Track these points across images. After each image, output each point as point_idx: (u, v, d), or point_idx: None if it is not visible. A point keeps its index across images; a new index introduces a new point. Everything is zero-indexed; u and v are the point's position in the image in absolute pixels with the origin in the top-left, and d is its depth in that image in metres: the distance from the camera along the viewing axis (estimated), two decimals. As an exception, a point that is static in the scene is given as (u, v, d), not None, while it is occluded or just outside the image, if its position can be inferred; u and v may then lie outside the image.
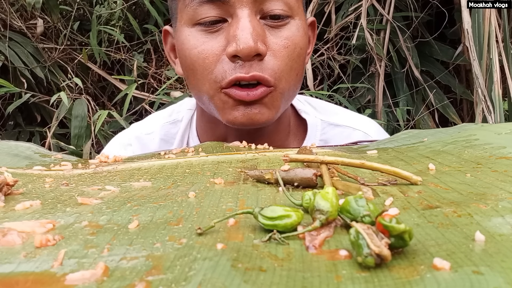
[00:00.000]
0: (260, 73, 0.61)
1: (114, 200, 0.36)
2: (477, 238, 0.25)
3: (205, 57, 0.62)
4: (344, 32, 1.89)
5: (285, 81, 0.64)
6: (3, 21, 1.99)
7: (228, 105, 0.63)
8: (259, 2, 0.61)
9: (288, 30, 0.63)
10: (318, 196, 0.28)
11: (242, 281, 0.21)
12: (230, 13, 0.62)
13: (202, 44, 0.63)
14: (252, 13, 0.61)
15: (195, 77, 0.65)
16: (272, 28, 0.63)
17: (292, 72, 0.64)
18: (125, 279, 0.22)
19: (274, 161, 0.50)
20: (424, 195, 0.34)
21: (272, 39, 0.62)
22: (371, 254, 0.22)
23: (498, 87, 1.36)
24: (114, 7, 2.09)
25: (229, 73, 0.61)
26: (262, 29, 0.62)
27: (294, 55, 0.64)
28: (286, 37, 0.63)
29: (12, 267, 0.24)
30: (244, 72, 0.61)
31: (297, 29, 0.64)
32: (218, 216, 0.31)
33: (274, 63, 0.62)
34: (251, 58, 0.60)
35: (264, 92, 0.62)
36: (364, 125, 0.82)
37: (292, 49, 0.63)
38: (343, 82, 1.90)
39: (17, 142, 0.59)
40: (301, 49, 0.65)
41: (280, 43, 0.63)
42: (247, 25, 0.60)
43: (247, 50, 0.59)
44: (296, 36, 0.64)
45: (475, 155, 0.46)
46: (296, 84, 0.67)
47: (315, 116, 0.79)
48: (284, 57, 0.63)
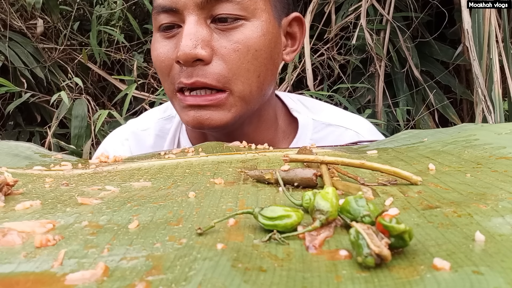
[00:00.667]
0: (202, 79, 0.62)
1: (114, 200, 0.36)
2: (477, 238, 0.25)
3: (162, 60, 0.66)
4: (344, 32, 1.89)
5: (241, 84, 0.64)
6: (3, 21, 1.99)
7: (182, 109, 0.66)
8: (208, 8, 0.62)
9: (239, 33, 0.63)
10: (318, 196, 0.28)
11: (242, 281, 0.21)
12: (182, 20, 0.63)
13: (160, 48, 0.66)
14: (200, 19, 0.62)
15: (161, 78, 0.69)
16: (222, 32, 0.63)
17: (250, 75, 0.64)
18: (125, 279, 0.22)
19: (274, 161, 0.50)
20: (424, 195, 0.34)
21: (221, 43, 0.62)
22: (371, 254, 0.22)
23: (498, 87, 1.36)
24: (114, 7, 2.09)
25: (176, 78, 0.64)
26: (208, 33, 0.62)
27: (248, 57, 0.63)
28: (236, 40, 0.62)
29: (12, 267, 0.24)
30: (186, 78, 0.62)
31: (251, 31, 0.63)
32: (218, 216, 0.31)
33: (222, 69, 0.62)
34: (191, 63, 0.61)
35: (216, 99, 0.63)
36: (356, 124, 0.81)
37: (244, 51, 0.63)
38: (343, 82, 1.90)
39: (17, 142, 0.59)
40: (256, 51, 0.63)
41: (229, 46, 0.62)
42: (189, 31, 0.61)
43: (183, 56, 0.60)
44: (250, 39, 0.63)
45: (475, 155, 0.46)
46: (260, 86, 0.66)
47: (306, 115, 0.79)
48: (234, 61, 0.62)
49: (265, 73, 0.66)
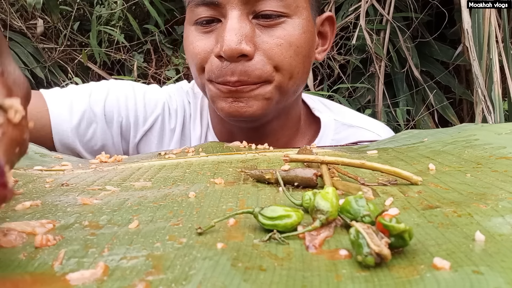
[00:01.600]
0: (244, 78, 0.62)
1: (114, 200, 0.36)
2: (477, 238, 0.25)
3: (197, 53, 0.65)
4: (344, 32, 1.89)
5: (282, 77, 0.64)
6: (3, 21, 2.00)
7: (218, 95, 0.65)
8: (251, 4, 0.62)
9: (282, 29, 0.63)
10: (318, 196, 0.28)
11: (242, 280, 0.21)
12: (223, 14, 0.63)
13: (197, 41, 0.65)
14: (243, 14, 0.62)
15: (192, 70, 0.68)
16: (264, 28, 0.63)
17: (290, 69, 0.64)
18: (125, 278, 0.22)
19: (274, 161, 0.50)
20: (424, 195, 0.34)
21: (264, 38, 0.63)
22: (371, 253, 0.22)
23: (498, 87, 1.36)
24: (114, 8, 2.09)
25: (218, 73, 0.63)
26: (251, 29, 0.62)
27: (290, 52, 0.64)
28: (278, 36, 0.63)
29: (12, 267, 0.24)
30: (230, 75, 0.62)
31: (293, 28, 0.64)
32: (218, 216, 0.31)
33: (264, 64, 0.62)
34: (235, 59, 0.61)
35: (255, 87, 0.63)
36: (376, 127, 0.82)
37: (286, 47, 0.63)
38: (343, 82, 1.90)
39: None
40: (298, 47, 0.64)
41: (272, 41, 0.63)
42: (233, 26, 0.60)
43: (229, 52, 0.60)
44: (292, 35, 0.63)
45: (475, 155, 0.46)
46: (298, 82, 0.67)
47: (328, 116, 0.80)
48: (277, 54, 0.63)
49: (302, 70, 0.67)
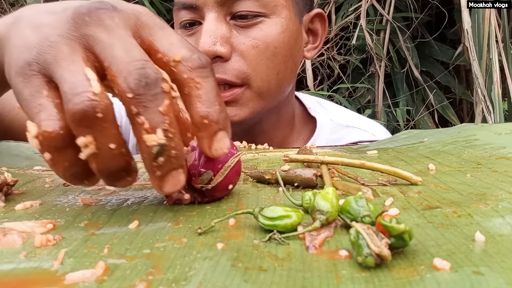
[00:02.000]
0: (221, 76, 0.62)
1: (114, 200, 0.36)
2: (477, 238, 0.25)
3: None
4: (344, 32, 1.89)
5: (260, 80, 0.64)
6: (3, 21, 1.99)
7: None
8: (228, 5, 0.62)
9: (258, 30, 0.63)
10: (318, 196, 0.28)
11: (242, 281, 0.21)
12: (202, 17, 0.63)
13: None
14: (219, 16, 0.62)
15: None
16: (241, 28, 0.63)
17: (269, 71, 0.64)
18: (125, 278, 0.22)
19: (274, 161, 0.50)
20: (424, 195, 0.34)
21: (240, 39, 0.63)
22: (371, 254, 0.22)
23: (498, 87, 1.36)
24: (114, 7, 2.09)
25: None
26: (227, 29, 0.62)
27: (267, 54, 0.63)
28: (255, 37, 0.63)
29: (12, 267, 0.24)
30: None
31: (270, 28, 0.63)
32: (218, 216, 0.31)
33: (241, 64, 0.62)
34: (211, 60, 0.61)
35: (234, 94, 0.63)
36: (372, 127, 0.82)
37: (263, 48, 0.63)
38: (343, 82, 1.90)
39: (18, 142, 0.59)
40: (275, 48, 0.64)
41: (248, 43, 0.62)
42: (208, 28, 0.61)
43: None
44: (269, 36, 0.63)
45: (475, 155, 0.46)
46: (278, 83, 0.66)
47: (324, 116, 0.80)
48: (253, 57, 0.63)
49: (285, 70, 0.66)
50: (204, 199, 0.34)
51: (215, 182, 0.33)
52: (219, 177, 0.33)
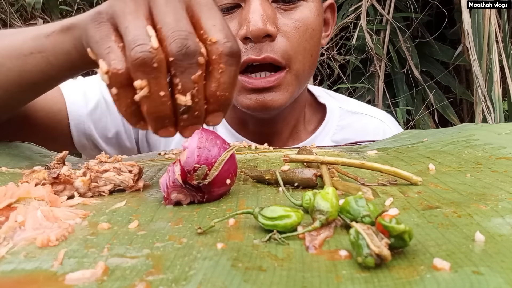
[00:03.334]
0: (271, 55, 0.63)
1: (114, 200, 0.36)
2: (477, 238, 0.25)
3: None
4: (344, 32, 1.89)
5: (299, 62, 0.66)
6: (3, 21, 1.99)
7: (241, 92, 0.66)
8: None
9: (299, 12, 0.65)
10: (318, 196, 0.28)
11: (242, 281, 0.21)
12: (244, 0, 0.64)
13: None
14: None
15: None
16: (283, 11, 0.65)
17: (306, 53, 0.66)
18: (125, 278, 0.22)
19: (274, 161, 0.50)
20: (424, 196, 0.34)
21: (284, 21, 0.65)
22: (371, 254, 0.22)
23: (498, 87, 1.36)
24: (114, 7, 2.09)
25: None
26: (273, 11, 0.64)
27: (306, 36, 0.66)
28: (297, 19, 0.65)
29: (12, 267, 0.24)
30: (255, 54, 0.63)
31: (309, 11, 0.66)
32: (218, 216, 0.31)
33: (286, 44, 0.64)
34: (261, 39, 0.62)
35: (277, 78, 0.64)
36: (380, 114, 0.85)
37: (303, 30, 0.65)
38: (343, 82, 1.90)
39: (17, 142, 0.59)
40: (313, 30, 0.66)
41: (291, 24, 0.65)
42: (257, 7, 0.62)
43: (256, 32, 0.61)
44: (308, 18, 0.66)
45: (475, 155, 0.46)
46: (311, 65, 0.69)
47: (333, 103, 0.82)
48: (296, 38, 0.65)
49: (316, 53, 0.69)
50: (203, 197, 0.34)
51: (211, 176, 0.33)
52: (214, 171, 0.33)
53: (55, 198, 0.34)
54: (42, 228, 0.28)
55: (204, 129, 0.36)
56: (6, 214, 0.29)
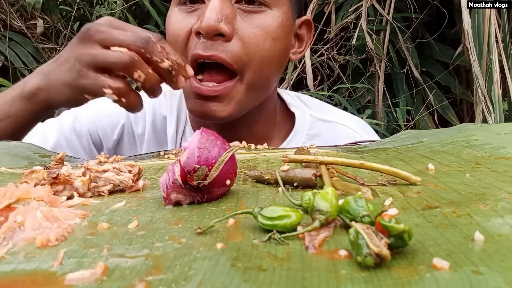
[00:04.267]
0: (220, 54, 0.61)
1: (114, 200, 0.36)
2: (477, 238, 0.25)
3: (178, 34, 0.65)
4: (344, 33, 1.89)
5: (252, 71, 0.64)
6: (3, 22, 2.00)
7: (189, 95, 0.65)
8: None
9: (261, 19, 0.63)
10: (318, 196, 0.28)
11: (242, 280, 0.21)
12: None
13: (179, 22, 0.65)
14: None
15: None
16: (245, 13, 0.63)
17: (262, 63, 0.64)
18: (125, 279, 0.22)
19: (273, 161, 0.50)
20: (424, 195, 0.34)
21: (243, 24, 0.63)
22: (370, 254, 0.22)
23: (498, 87, 1.36)
24: (114, 8, 2.09)
25: (191, 50, 0.63)
26: (232, 11, 0.62)
27: (265, 45, 0.63)
28: (257, 24, 0.63)
29: (12, 267, 0.24)
30: (204, 50, 0.61)
31: (271, 19, 0.64)
32: (218, 216, 0.31)
33: (240, 49, 0.62)
34: (212, 37, 0.61)
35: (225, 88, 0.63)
36: (352, 122, 0.82)
37: (262, 37, 0.63)
38: (343, 82, 1.90)
39: (17, 142, 0.59)
40: (273, 40, 0.64)
41: (250, 29, 0.63)
42: (215, 5, 0.61)
43: (206, 28, 0.59)
44: (270, 26, 0.64)
45: (475, 155, 0.46)
46: (269, 77, 0.67)
47: (304, 111, 0.80)
48: (252, 45, 0.63)
49: (276, 65, 0.67)
50: (203, 198, 0.34)
51: (211, 177, 0.33)
52: (214, 172, 0.33)
53: (54, 198, 0.34)
54: (42, 228, 0.28)
55: (205, 130, 0.36)
56: (5, 215, 0.29)
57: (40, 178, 0.37)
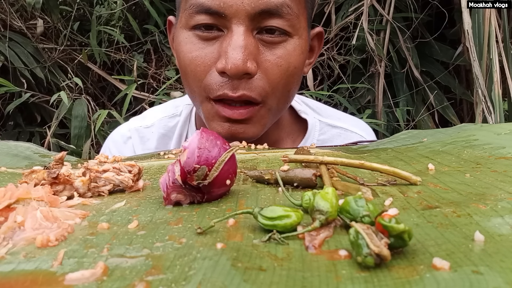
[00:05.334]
0: (248, 93, 0.61)
1: (114, 200, 0.36)
2: (477, 238, 0.25)
3: (197, 65, 0.62)
4: (344, 33, 1.89)
5: (275, 98, 0.64)
6: (3, 21, 1.99)
7: (214, 118, 0.64)
8: (258, 20, 0.60)
9: (283, 49, 0.62)
10: (318, 196, 0.28)
11: (242, 280, 0.21)
12: (226, 26, 0.61)
13: (196, 51, 0.62)
14: (247, 30, 0.60)
15: (187, 80, 0.65)
16: (267, 44, 0.62)
17: (284, 90, 0.64)
18: (125, 279, 0.22)
19: (273, 161, 0.50)
20: (424, 195, 0.34)
21: (266, 56, 0.62)
22: (370, 254, 0.22)
23: (498, 88, 1.36)
24: (114, 8, 2.09)
25: (216, 88, 0.61)
26: (255, 46, 0.61)
27: (287, 74, 0.63)
28: (280, 55, 0.62)
29: (12, 267, 0.24)
30: (231, 90, 0.60)
31: (293, 48, 0.63)
32: (218, 216, 0.31)
33: (264, 82, 0.61)
34: (239, 77, 0.60)
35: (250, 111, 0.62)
36: (359, 127, 0.84)
37: (285, 68, 0.62)
38: (343, 82, 1.90)
39: (17, 142, 0.59)
40: (295, 68, 0.64)
41: (273, 61, 0.62)
42: (239, 43, 0.59)
43: (234, 70, 0.58)
44: (291, 56, 0.63)
45: (475, 155, 0.46)
46: (287, 99, 0.67)
47: (313, 117, 0.81)
48: (275, 76, 0.62)
49: (295, 87, 0.67)
50: (203, 198, 0.34)
51: (211, 177, 0.33)
52: (214, 172, 0.33)
53: (54, 198, 0.34)
54: (42, 228, 0.28)
55: (205, 130, 0.36)
56: (5, 215, 0.29)
57: (40, 178, 0.37)
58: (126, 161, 0.54)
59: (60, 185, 0.37)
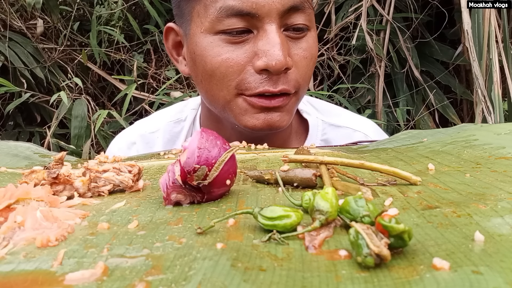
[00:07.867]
0: (286, 87, 0.63)
1: (114, 201, 0.36)
2: (477, 238, 0.25)
3: (230, 65, 0.63)
4: (344, 33, 1.89)
5: (303, 88, 0.67)
6: (3, 21, 1.99)
7: (248, 111, 0.65)
8: (285, 17, 0.63)
9: (305, 42, 0.66)
10: (318, 196, 0.28)
11: (242, 280, 0.21)
12: (256, 26, 0.62)
13: (226, 53, 0.63)
14: (278, 28, 0.62)
15: (211, 82, 0.65)
16: (293, 40, 0.65)
17: (308, 79, 0.68)
18: (125, 279, 0.22)
19: (273, 161, 0.50)
20: (424, 195, 0.34)
21: (294, 51, 0.65)
22: (370, 254, 0.22)
23: (498, 87, 1.36)
24: (114, 8, 2.09)
25: (255, 85, 0.63)
26: (287, 42, 0.64)
27: (311, 64, 0.67)
28: (305, 48, 0.65)
29: (12, 267, 0.24)
30: (272, 86, 0.62)
31: (313, 41, 0.67)
32: (218, 216, 0.31)
33: (297, 74, 0.65)
34: (280, 72, 0.62)
35: (285, 99, 0.64)
36: (364, 126, 0.83)
37: (310, 59, 0.66)
38: (343, 82, 1.90)
39: (17, 142, 0.59)
40: (315, 58, 0.68)
41: (301, 54, 0.65)
42: (276, 39, 0.61)
43: (279, 66, 0.60)
44: (313, 47, 0.67)
45: (475, 155, 0.46)
46: (307, 89, 0.71)
47: (316, 117, 0.81)
48: (304, 67, 0.65)
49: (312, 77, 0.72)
50: (203, 198, 0.34)
51: (211, 177, 0.33)
52: (214, 172, 0.34)
53: (54, 198, 0.34)
54: (42, 229, 0.28)
55: (205, 130, 0.36)
56: (5, 215, 0.29)
57: (40, 178, 0.37)
58: (126, 161, 0.54)
59: (60, 185, 0.37)
